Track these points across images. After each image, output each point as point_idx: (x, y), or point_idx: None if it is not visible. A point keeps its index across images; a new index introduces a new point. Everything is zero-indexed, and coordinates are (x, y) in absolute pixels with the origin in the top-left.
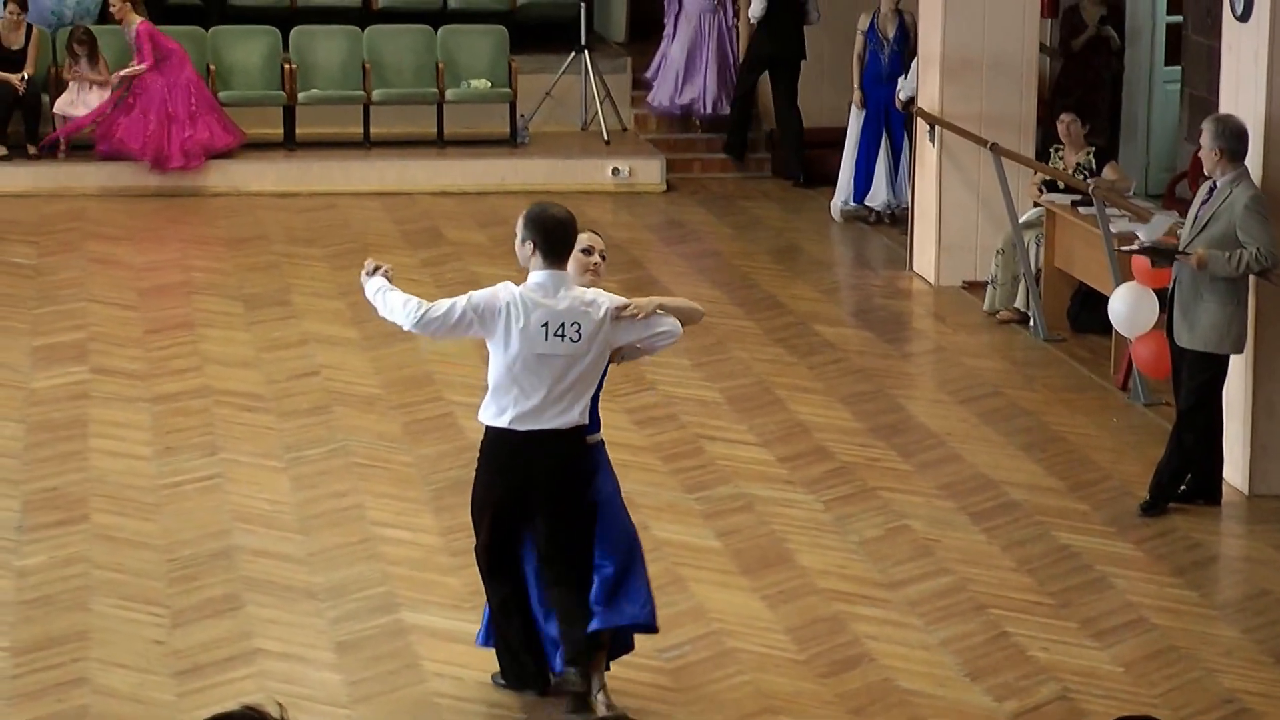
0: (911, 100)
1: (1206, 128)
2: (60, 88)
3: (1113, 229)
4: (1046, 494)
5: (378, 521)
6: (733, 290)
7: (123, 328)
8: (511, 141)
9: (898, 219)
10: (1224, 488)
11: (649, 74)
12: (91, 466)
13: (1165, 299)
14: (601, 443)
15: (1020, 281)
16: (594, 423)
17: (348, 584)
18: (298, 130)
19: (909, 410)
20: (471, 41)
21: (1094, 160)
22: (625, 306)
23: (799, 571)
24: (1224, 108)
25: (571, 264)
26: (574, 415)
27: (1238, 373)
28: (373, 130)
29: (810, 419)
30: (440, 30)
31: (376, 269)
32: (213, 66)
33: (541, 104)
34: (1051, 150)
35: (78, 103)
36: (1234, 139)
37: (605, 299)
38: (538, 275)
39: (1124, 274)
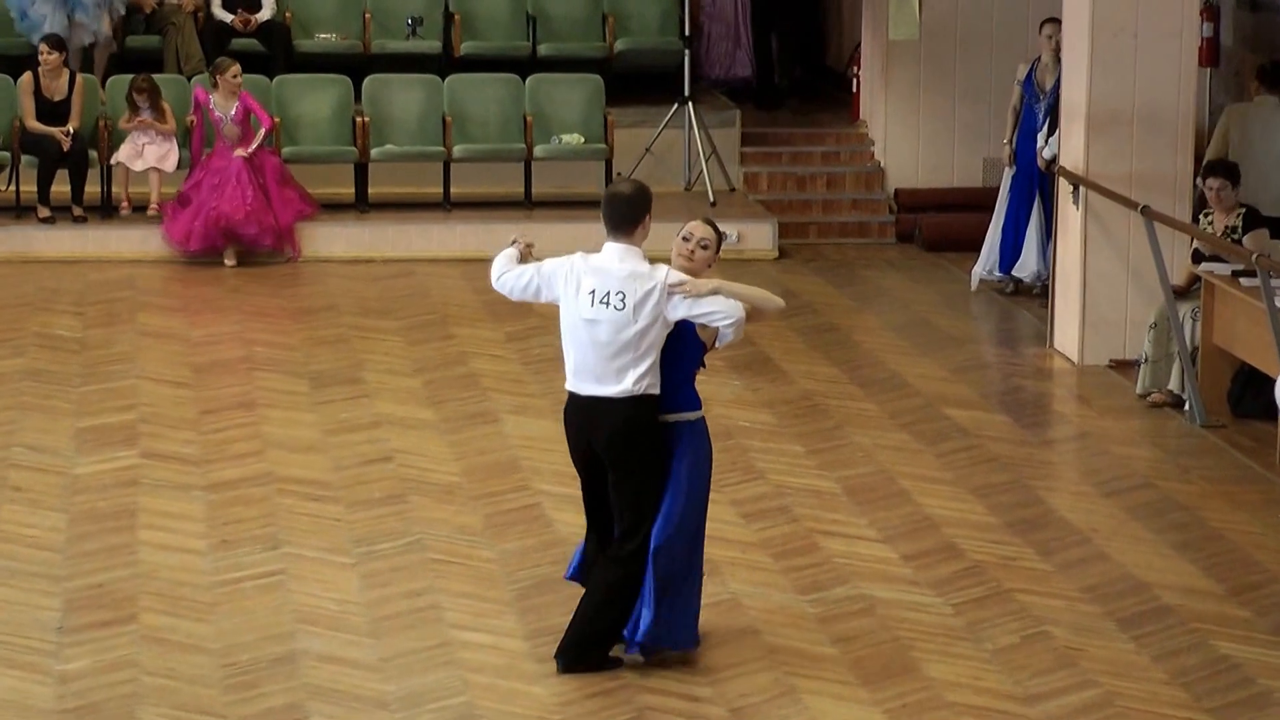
0: (1055, 159)
1: None
2: (113, 140)
3: (1279, 303)
4: (1204, 598)
5: (456, 624)
6: (853, 369)
7: (176, 408)
8: None
9: (1047, 291)
10: None
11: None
12: (140, 561)
13: None
14: (689, 423)
15: (1175, 360)
16: (679, 399)
17: (423, 693)
18: (371, 190)
19: (1049, 503)
20: (563, 92)
21: (1242, 224)
22: (682, 283)
23: (925, 683)
24: None
25: (673, 248)
26: (626, 383)
27: None
28: (454, 190)
29: (938, 512)
30: (529, 80)
31: (515, 241)
32: (278, 120)
33: (641, 161)
34: (1200, 216)
35: (139, 156)
36: None
37: (663, 273)
38: (607, 247)
39: None
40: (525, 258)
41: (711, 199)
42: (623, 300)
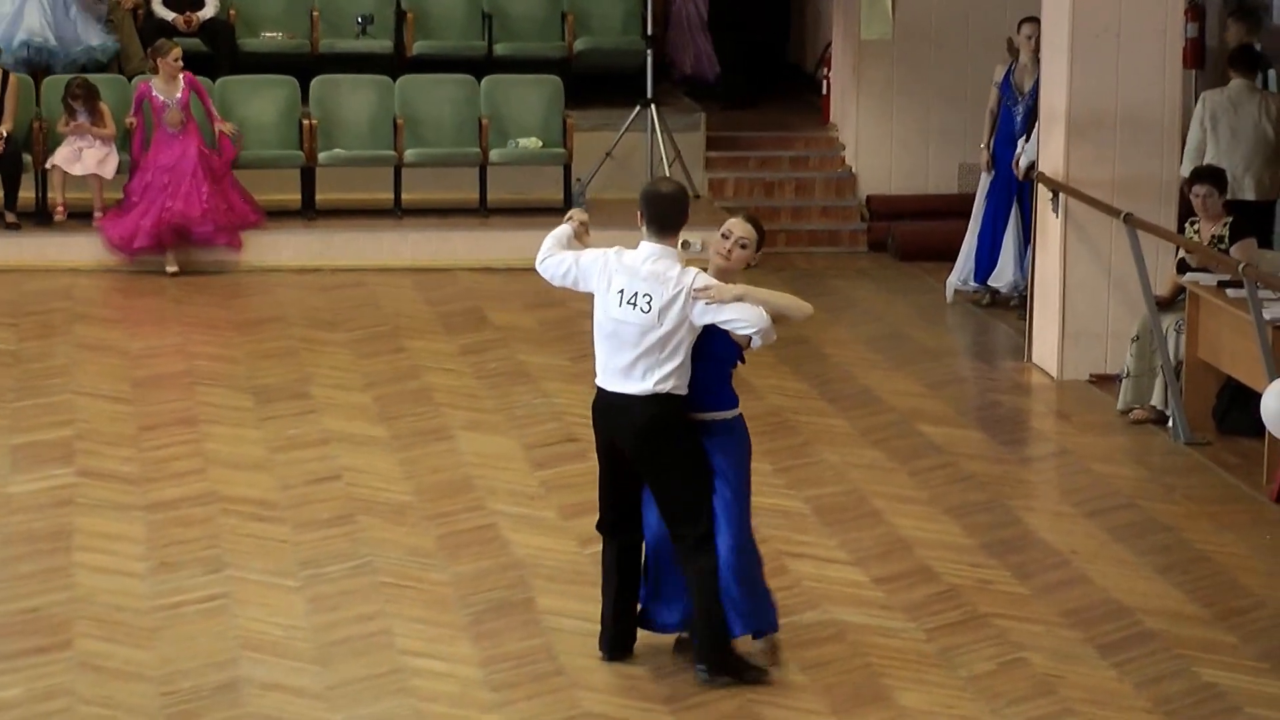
0: (1032, 167)
1: None
2: (49, 142)
3: (1266, 315)
4: (1188, 623)
5: (408, 650)
6: (823, 383)
7: (114, 424)
8: (566, 209)
9: (1025, 302)
10: None
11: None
12: (77, 584)
13: None
14: (724, 421)
15: (1158, 375)
16: (716, 399)
17: None
18: (319, 196)
19: (1028, 524)
20: (521, 94)
21: (1229, 234)
22: (707, 288)
23: (898, 712)
24: None
25: (710, 245)
26: (649, 383)
27: None
28: (405, 196)
29: (912, 533)
30: (484, 81)
31: (570, 218)
32: (235, 129)
33: (601, 166)
34: (1187, 225)
35: (78, 160)
36: None
37: (690, 276)
38: (642, 245)
39: None
40: (580, 236)
41: None
42: (649, 303)
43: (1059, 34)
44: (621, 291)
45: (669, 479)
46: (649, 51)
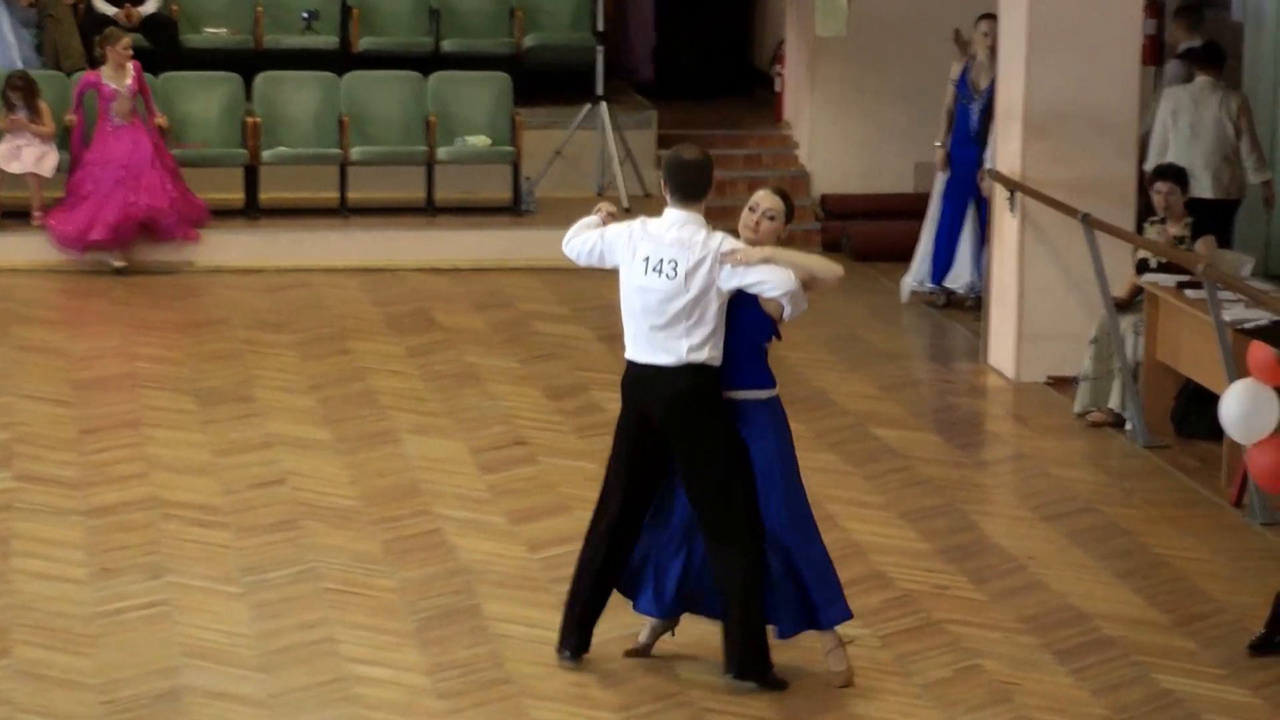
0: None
1: None
2: None
3: (1226, 316)
4: (1147, 629)
5: (353, 658)
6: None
7: (55, 427)
8: (515, 209)
9: (982, 303)
10: None
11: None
12: (16, 591)
13: None
14: (760, 402)
15: (1116, 377)
16: (748, 376)
17: None
18: (263, 195)
19: (984, 529)
20: (468, 91)
21: (1191, 233)
22: (733, 251)
23: (852, 719)
24: None
25: (740, 218)
26: (680, 353)
27: None
28: (351, 195)
29: (867, 539)
30: (432, 78)
31: (599, 210)
32: (165, 121)
33: (551, 165)
34: (1146, 224)
35: (15, 158)
36: None
37: (716, 240)
38: (667, 213)
39: (1239, 369)
40: (607, 225)
41: (626, 205)
42: (675, 269)
43: (1016, 31)
44: (647, 259)
45: (701, 453)
46: (600, 48)
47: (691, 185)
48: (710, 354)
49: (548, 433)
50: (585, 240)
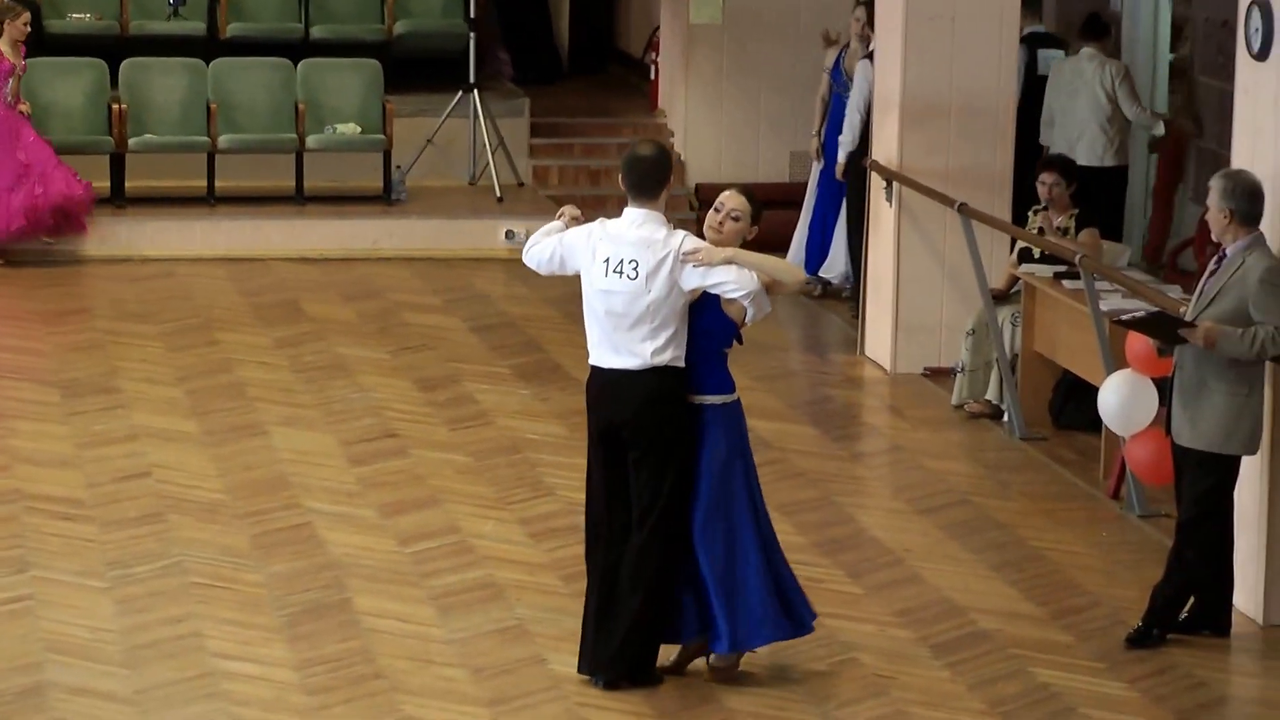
0: (850, 161)
1: (1215, 186)
2: None
3: (1103, 307)
4: (1023, 622)
5: (220, 653)
6: None
7: None
8: (385, 198)
9: (858, 293)
10: (1234, 616)
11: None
12: None
13: (1166, 390)
14: (719, 407)
15: (993, 368)
16: (707, 380)
17: None
18: (128, 184)
19: (860, 522)
20: (338, 78)
21: (1075, 225)
22: (695, 250)
23: (726, 715)
24: (1236, 162)
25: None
26: (644, 356)
27: (1251, 478)
28: (219, 184)
29: None
30: (301, 65)
31: (561, 215)
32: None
33: (422, 153)
34: (1030, 212)
35: None
36: (1246, 199)
37: (677, 239)
38: (626, 212)
39: (1117, 360)
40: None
41: (498, 194)
42: (635, 269)
43: (892, 19)
44: (607, 260)
45: (655, 454)
46: (471, 35)
47: (645, 181)
48: (674, 355)
49: (418, 425)
50: (544, 247)
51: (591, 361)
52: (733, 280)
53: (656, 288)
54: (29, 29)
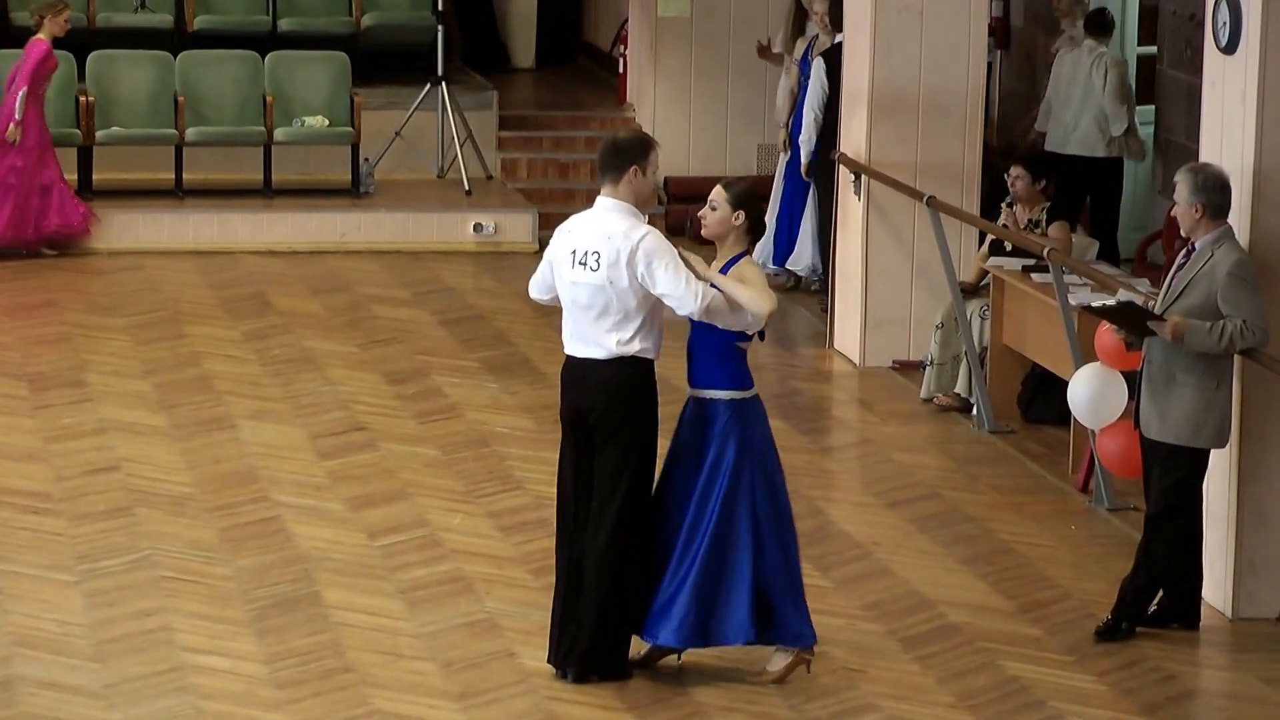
0: (812, 163)
1: (1183, 179)
2: None
3: (1072, 300)
4: (992, 616)
5: (189, 647)
6: None
7: None
8: (353, 191)
9: (826, 286)
10: (1203, 609)
11: None
12: None
13: (1135, 384)
14: (729, 402)
15: (962, 362)
16: (720, 375)
17: None
18: (96, 176)
19: (828, 515)
20: (306, 71)
21: (1046, 218)
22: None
23: (696, 708)
24: (1205, 156)
25: None
26: (610, 346)
27: (1220, 471)
28: (187, 177)
29: None
30: (269, 58)
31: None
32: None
33: (390, 146)
34: (1003, 205)
35: None
36: (1216, 192)
37: (639, 233)
38: (597, 201)
39: (1086, 354)
40: None
41: (467, 188)
42: (597, 260)
43: (861, 12)
44: (574, 252)
45: (617, 443)
46: (439, 28)
47: (606, 163)
48: (641, 346)
49: (387, 418)
50: (538, 271)
51: (566, 350)
52: (674, 295)
53: (619, 280)
54: (69, 27)
